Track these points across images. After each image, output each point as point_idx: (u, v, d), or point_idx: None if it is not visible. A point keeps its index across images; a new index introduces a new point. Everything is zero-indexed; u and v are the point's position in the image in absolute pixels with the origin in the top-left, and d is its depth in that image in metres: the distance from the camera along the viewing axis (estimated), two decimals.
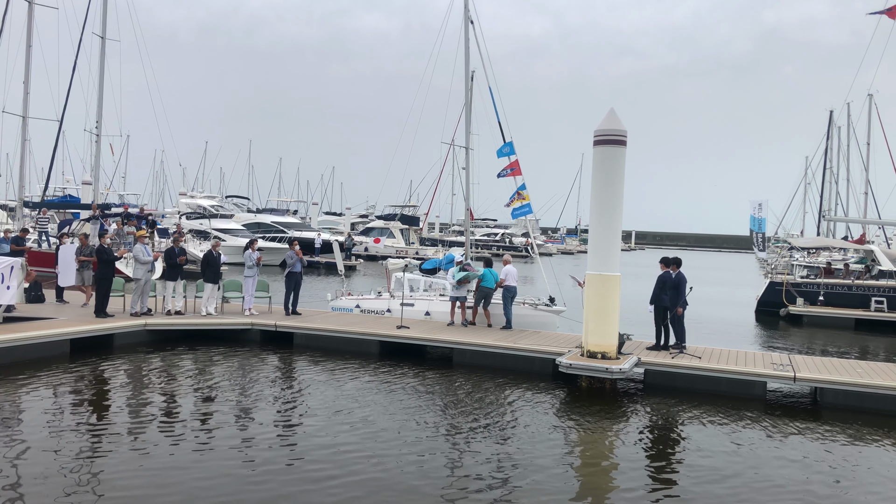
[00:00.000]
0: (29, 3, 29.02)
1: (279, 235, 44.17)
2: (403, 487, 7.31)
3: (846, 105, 46.95)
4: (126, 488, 6.98)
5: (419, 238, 57.45)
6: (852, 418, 10.86)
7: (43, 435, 8.48)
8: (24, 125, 29.20)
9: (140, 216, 31.42)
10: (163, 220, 42.46)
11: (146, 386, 11.21)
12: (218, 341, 15.11)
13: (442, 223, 77.69)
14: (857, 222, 39.40)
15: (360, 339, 14.72)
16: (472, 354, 13.94)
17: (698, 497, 7.45)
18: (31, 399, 10.14)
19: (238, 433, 8.87)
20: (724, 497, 7.45)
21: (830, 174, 50.96)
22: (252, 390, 11.13)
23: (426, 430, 9.33)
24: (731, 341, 18.30)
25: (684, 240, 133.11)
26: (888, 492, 7.82)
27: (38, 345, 12.79)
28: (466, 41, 19.57)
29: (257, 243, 17.38)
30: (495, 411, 10.47)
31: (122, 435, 8.61)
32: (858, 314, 24.10)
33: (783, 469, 8.38)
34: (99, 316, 14.87)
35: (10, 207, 37.10)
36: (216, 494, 6.94)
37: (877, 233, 41.26)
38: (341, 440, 8.75)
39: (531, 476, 7.79)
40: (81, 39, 30.68)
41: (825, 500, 7.52)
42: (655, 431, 9.92)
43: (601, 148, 12.71)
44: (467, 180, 21.38)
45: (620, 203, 12.77)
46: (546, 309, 17.36)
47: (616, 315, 12.68)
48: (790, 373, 11.96)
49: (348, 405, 10.44)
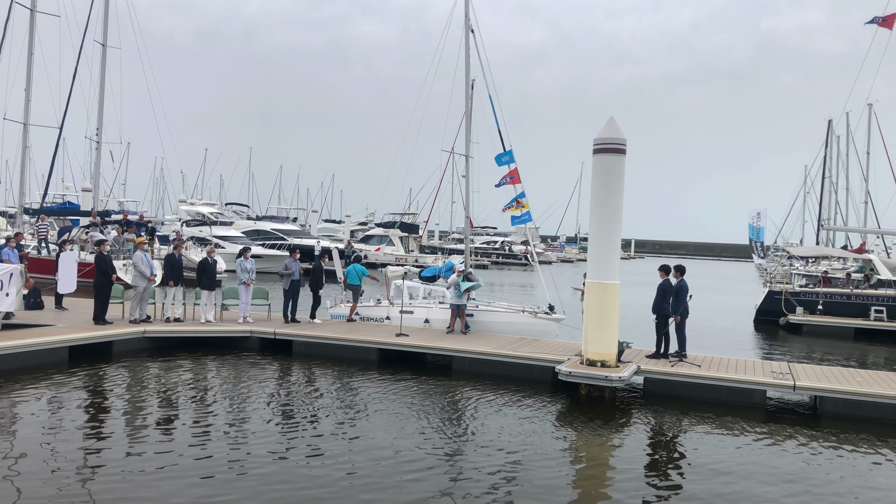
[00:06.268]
0: (31, 12, 29.14)
1: (279, 243, 44.16)
2: (401, 496, 7.28)
3: (845, 114, 47.03)
4: (123, 496, 6.95)
5: (419, 246, 57.44)
6: (852, 427, 10.84)
7: (40, 442, 8.45)
8: (24, 132, 29.28)
9: (139, 223, 31.45)
10: (162, 227, 42.44)
11: (144, 393, 11.18)
12: (217, 349, 15.08)
13: (441, 231, 77.75)
14: (856, 231, 39.45)
15: (360, 346, 14.71)
16: (472, 362, 13.92)
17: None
18: (30, 406, 10.11)
19: (236, 442, 8.84)
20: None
21: (829, 183, 51.01)
22: (250, 398, 11.10)
23: (425, 438, 9.31)
24: (731, 350, 18.28)
25: (684, 248, 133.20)
26: (888, 500, 7.81)
27: (37, 352, 12.77)
28: (467, 50, 19.62)
29: (250, 251, 17.36)
30: (494, 419, 10.45)
31: (119, 442, 8.58)
32: (858, 323, 24.09)
33: (782, 477, 8.36)
34: (98, 323, 14.84)
35: (9, 214, 37.12)
36: (213, 502, 6.92)
37: (876, 242, 41.26)
38: (340, 448, 8.72)
39: (529, 484, 7.77)
40: (82, 47, 30.79)
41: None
42: (655, 440, 9.90)
43: (601, 156, 12.74)
44: (467, 188, 21.41)
45: (620, 211, 12.78)
46: (546, 317, 17.36)
47: (616, 323, 12.68)
48: (790, 381, 11.95)
49: (347, 413, 10.42)
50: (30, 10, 29.12)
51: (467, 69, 19.85)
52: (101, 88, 31.45)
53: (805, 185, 61.01)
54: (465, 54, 19.68)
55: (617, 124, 12.86)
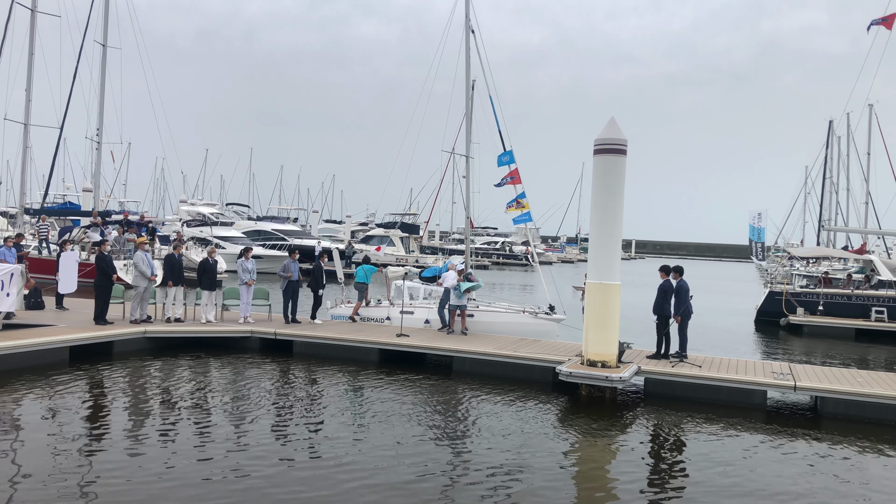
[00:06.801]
0: (32, 12, 29.16)
1: (279, 243, 44.17)
2: (402, 496, 7.28)
3: (846, 115, 47.04)
4: (124, 497, 6.95)
5: (419, 246, 57.44)
6: (852, 427, 10.84)
7: (41, 442, 8.45)
8: (25, 132, 29.30)
9: (140, 223, 31.46)
10: (163, 227, 42.45)
11: (145, 393, 11.18)
12: (217, 349, 15.09)
13: (442, 231, 77.74)
14: (856, 232, 39.43)
15: (360, 347, 14.71)
16: (472, 363, 13.93)
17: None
18: (30, 406, 10.12)
19: (236, 442, 8.84)
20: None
21: (830, 184, 51.01)
22: (251, 399, 11.11)
23: (425, 438, 9.31)
24: (731, 350, 18.28)
25: (684, 249, 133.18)
26: (889, 501, 7.80)
27: (38, 352, 12.78)
28: (467, 50, 19.62)
29: (252, 252, 17.36)
30: (495, 419, 10.45)
31: (120, 443, 8.59)
32: (858, 324, 24.08)
33: (783, 478, 8.35)
34: (98, 323, 14.85)
35: (10, 214, 37.13)
36: (213, 503, 6.92)
37: (877, 243, 41.25)
38: (340, 449, 8.72)
39: (530, 485, 7.77)
40: (83, 47, 30.85)
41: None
42: (655, 440, 9.90)
43: (601, 157, 12.74)
44: (467, 189, 21.41)
45: (621, 212, 12.78)
46: (546, 317, 17.36)
47: (616, 324, 12.68)
48: (790, 382, 11.95)
49: (347, 413, 10.42)
50: (30, 11, 29.16)
51: (467, 70, 19.86)
52: (102, 88, 31.52)
53: (806, 185, 61.12)
54: (466, 55, 19.69)
55: (618, 125, 12.86)
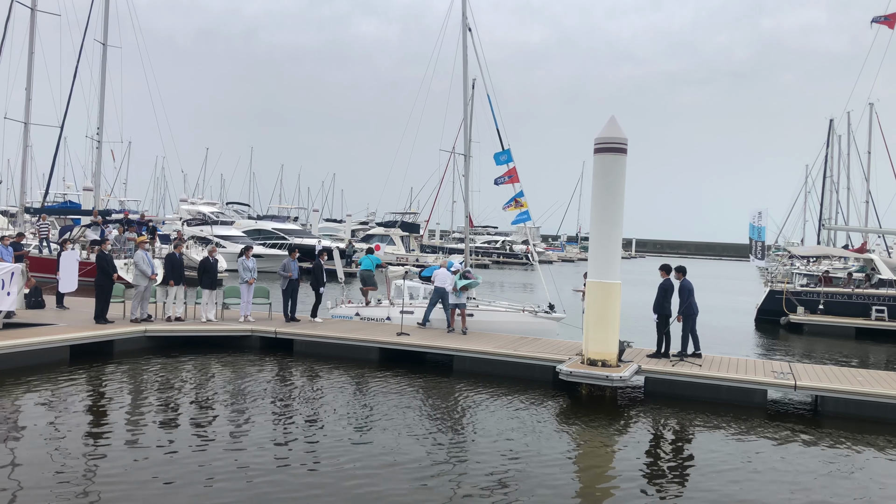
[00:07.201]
0: (32, 11, 29.16)
1: (280, 242, 44.17)
2: (403, 496, 7.29)
3: (846, 113, 47.06)
4: (124, 496, 6.96)
5: (419, 245, 57.44)
6: (853, 426, 10.84)
7: (41, 442, 8.46)
8: (25, 131, 29.32)
9: (140, 222, 31.46)
10: (163, 226, 42.46)
11: (145, 392, 11.19)
12: (218, 348, 15.09)
13: (442, 230, 77.74)
14: (857, 231, 39.43)
15: (360, 345, 14.71)
16: (472, 361, 13.93)
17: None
18: (31, 405, 10.12)
19: (236, 441, 8.85)
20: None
21: (831, 183, 51.00)
22: (251, 397, 11.11)
23: (425, 438, 9.31)
24: (732, 349, 18.28)
25: (685, 248, 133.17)
26: (889, 500, 7.80)
27: (38, 351, 12.78)
28: (465, 49, 19.63)
29: (252, 251, 17.36)
30: (495, 419, 10.45)
31: (120, 442, 8.59)
32: (859, 323, 24.08)
33: (783, 477, 8.35)
34: (99, 322, 14.85)
35: (11, 213, 37.16)
36: (214, 502, 6.93)
37: (877, 241, 41.24)
38: (340, 448, 8.73)
39: (530, 484, 7.77)
40: (83, 46, 30.83)
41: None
42: (656, 440, 9.90)
43: (602, 156, 12.73)
44: (466, 188, 21.41)
45: (621, 211, 12.78)
46: (546, 316, 17.37)
47: (616, 323, 12.67)
48: (791, 381, 11.95)
49: (348, 412, 10.42)
50: (30, 10, 29.16)
51: (465, 68, 19.87)
52: (102, 88, 31.51)
53: (806, 184, 61.11)
54: (463, 53, 19.70)
55: (618, 124, 12.86)
